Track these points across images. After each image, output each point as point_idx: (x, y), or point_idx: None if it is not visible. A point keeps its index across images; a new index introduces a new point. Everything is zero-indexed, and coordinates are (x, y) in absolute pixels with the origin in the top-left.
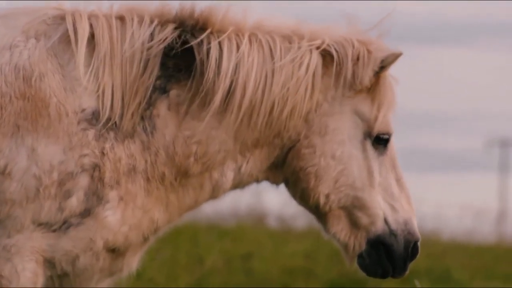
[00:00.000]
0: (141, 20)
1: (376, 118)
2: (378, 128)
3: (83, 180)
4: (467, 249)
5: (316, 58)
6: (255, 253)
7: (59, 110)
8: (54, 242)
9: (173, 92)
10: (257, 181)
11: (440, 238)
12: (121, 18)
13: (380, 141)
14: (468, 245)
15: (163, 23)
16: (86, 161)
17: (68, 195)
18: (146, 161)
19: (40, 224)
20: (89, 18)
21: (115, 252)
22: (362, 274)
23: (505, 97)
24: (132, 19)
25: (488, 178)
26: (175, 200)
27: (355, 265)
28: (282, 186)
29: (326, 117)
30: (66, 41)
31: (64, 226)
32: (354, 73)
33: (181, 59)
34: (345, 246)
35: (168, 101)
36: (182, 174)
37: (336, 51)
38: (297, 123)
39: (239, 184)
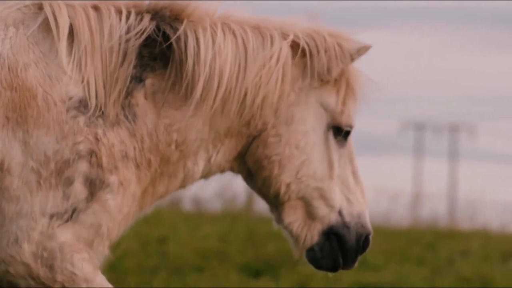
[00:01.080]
0: (118, 11)
1: (340, 110)
2: (341, 120)
3: (81, 166)
4: (382, 232)
5: (286, 49)
6: (170, 236)
7: (46, 100)
8: (72, 231)
9: (148, 81)
10: (223, 171)
11: None
12: (96, 8)
13: (342, 133)
14: (383, 228)
15: (139, 14)
16: (82, 147)
17: (69, 182)
18: (134, 148)
19: (51, 216)
20: (66, 8)
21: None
22: (276, 257)
23: (420, 80)
24: (109, 10)
25: (403, 161)
26: (151, 188)
27: (304, 258)
28: None
29: (293, 107)
30: (46, 29)
31: (74, 214)
32: (324, 65)
33: (156, 48)
34: (297, 238)
35: (144, 90)
36: (165, 162)
37: (306, 43)
38: (267, 112)
39: (207, 174)
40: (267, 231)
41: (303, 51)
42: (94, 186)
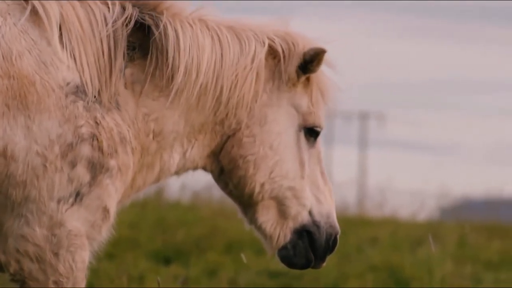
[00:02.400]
0: (103, 3)
1: (311, 112)
2: (312, 121)
3: (84, 149)
4: None
5: (260, 49)
6: None
7: (45, 86)
8: (79, 215)
9: (127, 71)
10: (196, 168)
11: None
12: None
13: (312, 134)
14: None
15: (122, 5)
16: (84, 130)
17: (72, 165)
18: (128, 131)
19: (58, 200)
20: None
21: None
22: (186, 244)
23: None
24: (94, 2)
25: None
26: (131, 180)
27: (276, 257)
28: None
29: (266, 108)
30: (33, 19)
31: (78, 197)
32: (285, 67)
33: (135, 38)
34: (270, 237)
35: (124, 79)
36: (145, 152)
37: (279, 44)
38: (241, 112)
39: (181, 169)
40: (177, 219)
41: (276, 53)
42: (95, 170)
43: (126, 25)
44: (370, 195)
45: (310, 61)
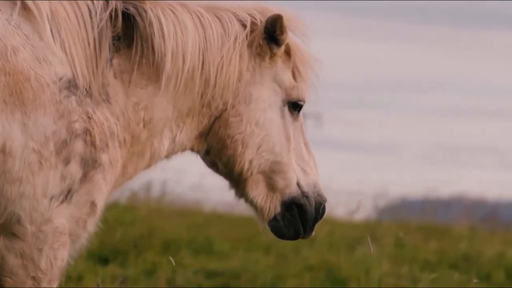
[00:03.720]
0: None
1: (293, 86)
2: (295, 95)
3: (77, 146)
4: (228, 220)
5: (240, 29)
6: None
7: (40, 81)
8: (66, 212)
9: (115, 61)
10: (184, 150)
11: (201, 209)
12: None
13: (296, 107)
14: (229, 216)
15: None
16: (77, 126)
17: (66, 162)
18: (116, 125)
19: (51, 198)
20: None
21: None
22: (124, 244)
23: None
24: None
25: None
26: (123, 168)
27: (267, 227)
28: None
29: (250, 86)
30: (23, 14)
31: (69, 194)
32: (257, 41)
33: (119, 28)
34: (261, 210)
35: (112, 69)
36: (135, 141)
37: (252, 22)
38: (227, 92)
39: (171, 153)
40: (115, 219)
41: (253, 31)
42: (87, 166)
43: (111, 17)
44: None
45: (273, 30)
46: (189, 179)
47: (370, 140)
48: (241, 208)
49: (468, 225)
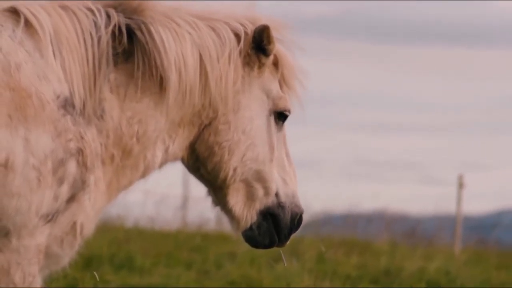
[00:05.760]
0: (87, 9)
1: (280, 96)
2: (282, 105)
3: (71, 166)
4: (149, 235)
5: (234, 40)
6: None
7: (41, 98)
8: (49, 231)
9: (112, 76)
10: (176, 159)
11: (123, 224)
12: (65, 8)
13: (281, 118)
14: (151, 231)
15: (105, 11)
16: (72, 146)
17: (61, 182)
18: (101, 144)
19: (41, 217)
20: (42, 10)
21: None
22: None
23: None
24: (79, 9)
25: (171, 165)
26: (115, 181)
27: (241, 237)
28: None
29: (239, 95)
30: (26, 30)
31: (55, 214)
32: (246, 51)
33: (118, 42)
34: (238, 219)
35: (109, 84)
36: (127, 155)
37: (245, 32)
38: (218, 101)
39: (163, 163)
40: None
41: (248, 41)
42: (77, 188)
43: (114, 33)
44: None
45: (261, 40)
46: None
47: (292, 155)
48: (162, 223)
49: (390, 240)
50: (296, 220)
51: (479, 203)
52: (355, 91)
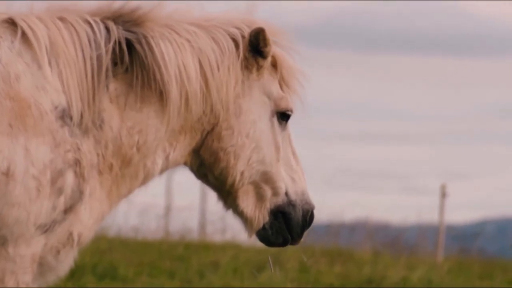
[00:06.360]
0: (85, 21)
1: (281, 97)
2: (283, 105)
3: (70, 177)
4: (132, 245)
5: (232, 46)
6: None
7: (39, 109)
8: (45, 242)
9: (111, 86)
10: (178, 165)
11: (106, 233)
12: (64, 20)
13: (284, 118)
14: (134, 241)
15: (104, 22)
16: (70, 156)
17: (59, 193)
18: (98, 155)
19: (38, 227)
20: (39, 22)
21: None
22: None
23: None
24: (77, 21)
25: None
26: (115, 190)
27: (255, 237)
28: None
29: (239, 99)
30: (24, 42)
31: (52, 225)
32: (243, 55)
33: (116, 54)
34: (251, 220)
35: (108, 94)
36: (126, 164)
37: (242, 36)
38: (220, 107)
39: (164, 170)
40: None
41: (244, 44)
42: (75, 198)
43: (114, 49)
44: (212, 220)
45: (257, 43)
46: None
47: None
48: (145, 233)
49: (372, 249)
50: (308, 216)
51: (462, 212)
52: (336, 100)
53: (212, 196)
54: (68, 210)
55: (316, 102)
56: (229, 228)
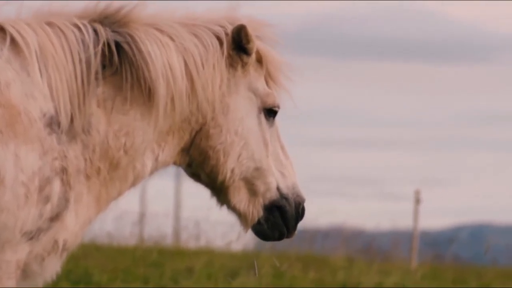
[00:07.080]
0: (73, 25)
1: (267, 93)
2: (270, 102)
3: (56, 185)
4: (107, 251)
5: (215, 41)
6: None
7: (29, 116)
8: (30, 250)
9: (99, 89)
10: (168, 165)
11: (81, 240)
12: (52, 25)
13: (271, 114)
14: (108, 247)
15: (91, 24)
16: (57, 164)
17: (46, 200)
18: (85, 160)
19: (24, 234)
20: (28, 27)
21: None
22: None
23: None
24: (65, 25)
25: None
26: (105, 193)
27: (251, 232)
28: None
29: (226, 97)
30: (13, 49)
31: (37, 232)
32: (227, 52)
33: (104, 56)
34: (245, 215)
35: (96, 98)
36: (114, 167)
37: (226, 34)
38: (207, 106)
39: (153, 171)
40: None
41: (228, 42)
42: (61, 206)
43: (103, 50)
44: (186, 226)
45: (239, 40)
46: None
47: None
48: (119, 239)
49: (346, 255)
50: (300, 209)
51: (436, 218)
52: (310, 107)
53: (186, 202)
54: (54, 218)
55: (289, 107)
56: (203, 234)
